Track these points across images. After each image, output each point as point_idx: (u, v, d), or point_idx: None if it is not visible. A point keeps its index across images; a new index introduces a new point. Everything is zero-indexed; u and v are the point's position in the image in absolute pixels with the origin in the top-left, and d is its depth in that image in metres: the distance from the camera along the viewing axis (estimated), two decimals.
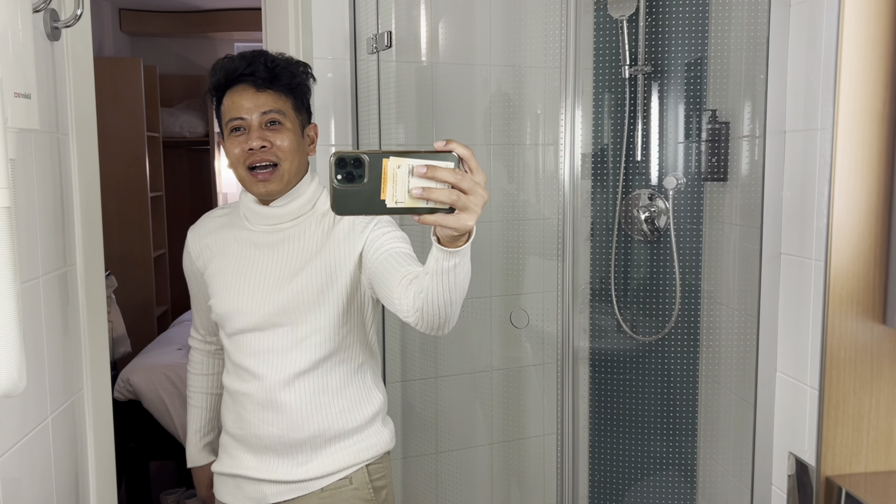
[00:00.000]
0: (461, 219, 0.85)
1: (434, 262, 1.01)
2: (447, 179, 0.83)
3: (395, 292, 1.24)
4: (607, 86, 2.18)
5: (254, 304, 1.42)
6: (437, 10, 2.11)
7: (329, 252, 1.41)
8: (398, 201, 0.83)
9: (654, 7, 2.06)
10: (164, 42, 5.21)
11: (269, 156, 1.38)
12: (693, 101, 2.04)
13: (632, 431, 2.22)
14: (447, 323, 1.14)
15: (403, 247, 1.36)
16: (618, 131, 2.17)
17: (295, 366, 1.41)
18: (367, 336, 1.50)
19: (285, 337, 1.41)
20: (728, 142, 1.91)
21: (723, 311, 1.97)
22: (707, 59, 1.98)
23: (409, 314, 1.18)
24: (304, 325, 1.41)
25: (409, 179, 0.83)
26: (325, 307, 1.40)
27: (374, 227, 1.40)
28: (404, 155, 0.82)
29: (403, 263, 1.28)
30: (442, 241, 0.96)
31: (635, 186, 2.16)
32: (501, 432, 2.34)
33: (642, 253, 2.19)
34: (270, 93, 1.40)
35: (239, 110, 1.39)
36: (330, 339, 1.42)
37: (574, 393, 1.86)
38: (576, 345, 1.83)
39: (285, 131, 1.40)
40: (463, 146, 0.85)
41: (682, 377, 2.11)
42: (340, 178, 0.82)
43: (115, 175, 4.29)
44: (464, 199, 0.84)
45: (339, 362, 1.44)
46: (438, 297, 1.07)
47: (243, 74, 1.39)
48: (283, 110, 1.40)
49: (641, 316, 2.20)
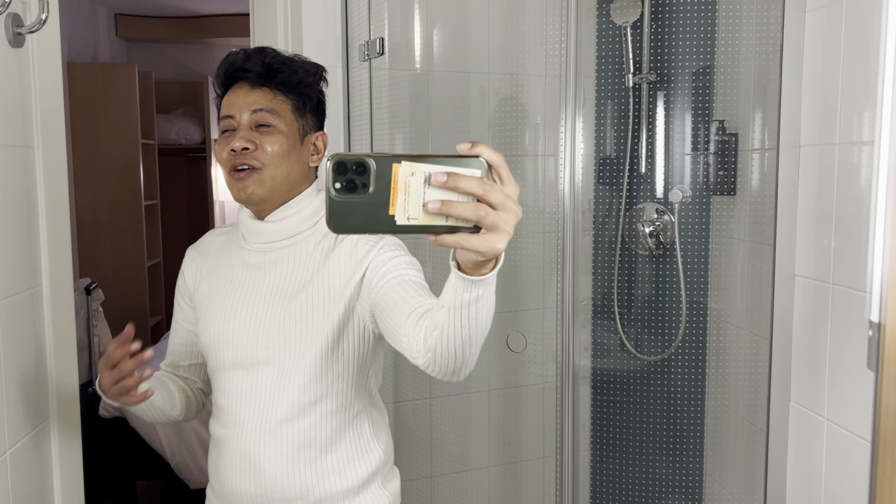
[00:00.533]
0: (489, 240, 0.70)
1: (452, 292, 0.84)
2: (472, 191, 0.67)
3: (403, 329, 1.06)
4: (610, 95, 2.12)
5: (239, 333, 1.25)
6: (432, 16, 2.03)
7: (325, 277, 1.23)
8: (410, 217, 0.68)
9: (658, 13, 2.00)
10: (161, 48, 5.14)
11: (251, 159, 1.21)
12: (700, 111, 1.98)
13: (635, 455, 2.16)
14: (464, 367, 0.96)
15: (414, 275, 1.17)
16: (621, 142, 2.11)
17: (277, 412, 1.22)
18: (367, 380, 1.30)
19: (269, 376, 1.22)
20: (737, 154, 1.84)
21: (731, 331, 1.90)
22: (714, 68, 1.91)
23: (419, 356, 1.01)
24: (291, 364, 1.22)
25: (424, 190, 0.67)
26: (314, 343, 1.21)
27: (378, 251, 1.22)
28: (420, 159, 0.67)
29: (413, 294, 1.10)
30: (463, 267, 0.80)
31: (639, 199, 2.09)
32: (499, 455, 2.28)
33: (647, 269, 2.12)
34: (265, 90, 1.24)
35: (229, 108, 1.24)
36: (316, 382, 1.22)
37: (574, 414, 1.79)
38: (576, 363, 1.75)
39: (276, 134, 1.23)
40: (493, 150, 0.69)
41: (688, 399, 2.05)
42: (339, 186, 0.67)
43: (109, 183, 4.22)
44: (492, 216, 0.68)
45: (330, 412, 1.24)
46: (455, 336, 0.89)
47: (240, 70, 1.25)
48: (276, 111, 1.23)
49: (645, 334, 2.13)
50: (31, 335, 1.30)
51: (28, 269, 1.30)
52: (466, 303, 0.83)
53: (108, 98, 4.18)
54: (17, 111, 1.26)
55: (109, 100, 4.18)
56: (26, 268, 1.29)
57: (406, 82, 2.02)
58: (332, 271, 1.23)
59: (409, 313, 1.06)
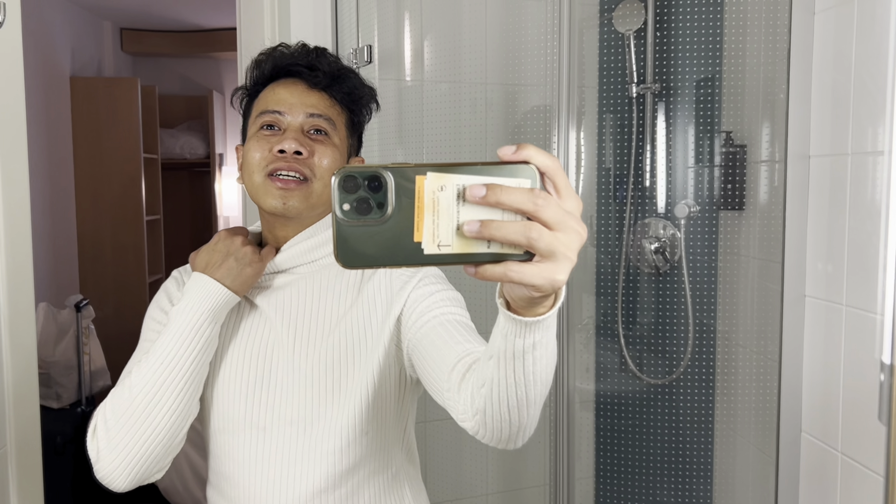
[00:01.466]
0: (545, 270, 0.53)
1: (502, 339, 0.66)
2: (521, 207, 0.52)
3: (447, 383, 0.87)
4: (613, 105, 2.04)
5: (254, 385, 1.03)
6: (425, 24, 1.96)
7: (359, 316, 1.04)
8: (442, 244, 0.52)
9: (662, 21, 1.92)
10: (167, 62, 5.12)
11: (303, 167, 1.02)
12: (706, 122, 1.90)
13: (640, 482, 2.08)
14: (521, 433, 0.77)
15: (457, 313, 0.98)
16: (624, 154, 2.03)
17: (306, 484, 1.01)
18: (404, 432, 1.10)
19: (296, 441, 1.01)
20: (745, 167, 1.76)
21: (740, 353, 1.80)
22: (721, 77, 1.83)
23: (466, 418, 0.81)
24: (321, 424, 1.01)
25: (458, 208, 0.52)
26: (352, 396, 1.01)
27: (417, 283, 1.03)
28: (450, 169, 0.52)
29: (459, 339, 0.91)
30: (513, 306, 0.62)
31: (644, 214, 2.01)
32: (497, 482, 2.19)
33: (652, 287, 2.04)
34: (324, 95, 1.06)
35: (278, 102, 1.04)
36: (356, 444, 1.02)
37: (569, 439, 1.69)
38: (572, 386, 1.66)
39: (331, 146, 1.05)
40: (545, 153, 0.53)
41: (696, 425, 1.96)
42: (349, 208, 0.52)
43: (110, 197, 4.18)
44: (548, 239, 0.52)
45: (368, 475, 1.04)
46: (508, 395, 0.71)
47: (298, 66, 1.06)
48: (334, 121, 1.06)
49: (651, 356, 2.04)
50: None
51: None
52: (520, 352, 0.65)
53: (111, 112, 4.15)
54: None
55: (112, 114, 4.15)
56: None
57: (396, 92, 1.95)
58: (367, 308, 1.04)
59: (453, 364, 0.87)
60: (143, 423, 0.94)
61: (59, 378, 2.90)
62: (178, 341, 0.96)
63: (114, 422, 0.94)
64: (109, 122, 4.15)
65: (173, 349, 0.96)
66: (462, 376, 0.84)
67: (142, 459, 0.95)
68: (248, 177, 1.04)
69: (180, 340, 0.96)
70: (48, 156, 3.76)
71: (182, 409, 0.97)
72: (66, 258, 4.06)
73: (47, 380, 2.83)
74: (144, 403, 0.94)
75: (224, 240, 1.04)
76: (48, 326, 2.85)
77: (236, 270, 1.01)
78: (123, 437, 0.93)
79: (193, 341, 0.97)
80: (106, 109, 4.13)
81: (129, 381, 0.96)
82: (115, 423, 0.94)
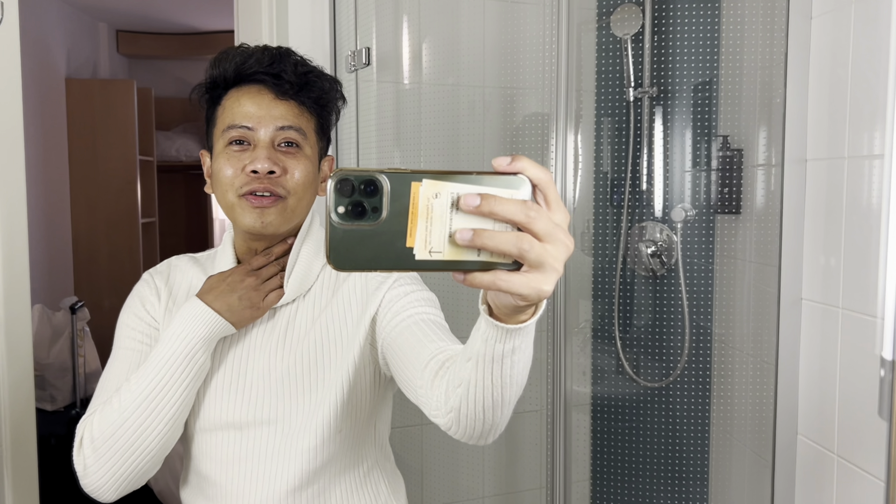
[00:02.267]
0: (533, 280, 0.55)
1: (482, 343, 0.67)
2: (513, 217, 0.53)
3: (419, 380, 0.89)
4: (610, 109, 2.04)
5: (231, 386, 1.05)
6: (423, 26, 1.96)
7: (334, 317, 1.06)
8: (433, 250, 0.54)
9: (660, 25, 1.93)
10: (163, 64, 5.11)
11: (276, 187, 1.02)
12: (703, 126, 1.90)
13: (637, 485, 2.08)
14: (493, 431, 0.80)
15: (432, 313, 1.01)
16: (622, 158, 2.03)
17: (282, 482, 1.03)
18: (375, 430, 1.13)
19: (271, 439, 1.03)
20: (741, 171, 1.77)
21: (736, 356, 1.81)
22: (718, 81, 1.84)
23: (439, 414, 0.83)
24: (298, 423, 1.03)
25: (451, 216, 0.54)
26: (326, 396, 1.03)
27: (393, 283, 1.05)
28: (446, 177, 0.54)
29: (432, 337, 0.94)
30: (496, 312, 0.64)
31: (640, 218, 2.01)
32: (494, 485, 2.19)
33: (648, 290, 2.04)
34: (293, 104, 1.05)
35: (245, 117, 1.02)
36: (330, 441, 1.04)
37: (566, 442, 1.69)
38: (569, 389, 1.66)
39: (303, 159, 1.04)
40: (538, 166, 0.55)
41: (692, 428, 1.96)
42: (343, 211, 0.53)
43: (106, 199, 4.17)
44: (538, 250, 0.54)
45: (339, 472, 1.06)
46: (485, 396, 0.73)
47: (261, 73, 1.04)
48: (304, 130, 1.05)
49: (647, 359, 2.04)
50: None
51: None
52: (499, 356, 0.67)
53: (106, 114, 4.14)
54: None
55: (107, 116, 4.14)
56: None
57: (394, 94, 1.95)
58: (342, 309, 1.06)
59: (426, 361, 0.89)
60: (133, 445, 0.96)
61: (54, 380, 2.89)
62: (171, 366, 0.98)
63: (101, 441, 0.96)
64: (105, 125, 4.14)
65: (166, 375, 0.97)
66: (434, 373, 0.86)
67: (130, 476, 0.98)
68: (221, 195, 1.05)
69: (173, 367, 0.98)
70: (43, 157, 3.75)
71: (172, 430, 0.99)
72: (61, 260, 4.04)
73: (42, 382, 2.81)
74: (135, 427, 0.96)
75: (236, 275, 1.05)
76: (43, 329, 2.84)
77: (237, 308, 1.02)
78: (112, 457, 0.96)
79: (186, 369, 0.99)
80: (101, 111, 4.12)
81: (119, 402, 0.97)
82: (102, 443, 0.96)
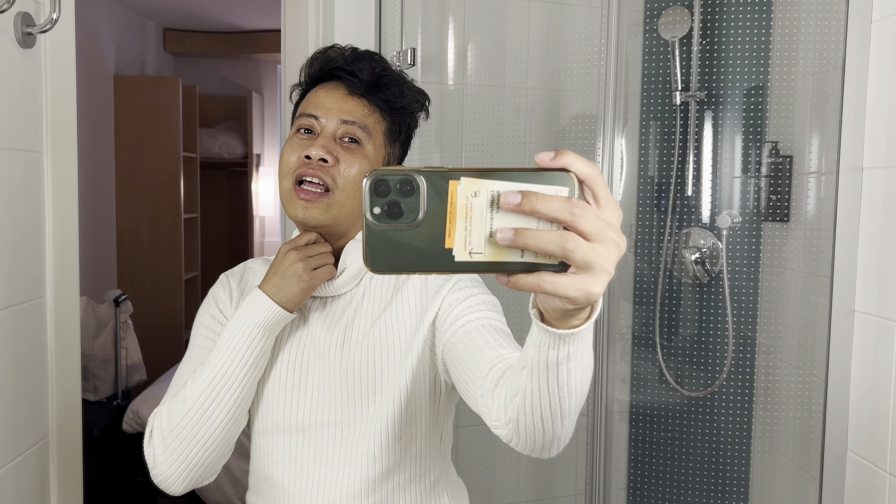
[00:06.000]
0: (581, 282, 0.51)
1: (535, 349, 0.64)
2: (557, 216, 0.50)
3: (480, 389, 0.85)
4: (656, 113, 2.01)
5: (294, 388, 1.04)
6: (468, 27, 1.95)
7: (393, 320, 1.04)
8: (474, 251, 0.51)
9: (709, 28, 1.89)
10: (208, 62, 5.18)
11: (324, 174, 1.01)
12: (751, 131, 1.86)
13: (675, 497, 2.02)
14: (555, 443, 0.75)
15: (493, 317, 0.97)
16: (667, 163, 2.00)
17: (343, 487, 1.01)
18: (440, 440, 1.09)
19: (332, 443, 1.02)
20: (791, 178, 1.72)
21: (782, 368, 1.76)
22: (768, 85, 1.80)
23: (500, 425, 0.79)
24: (357, 428, 1.01)
25: (491, 215, 0.51)
26: (386, 400, 1.01)
27: (453, 286, 1.02)
28: (485, 175, 0.51)
29: (493, 344, 0.90)
30: (547, 316, 0.60)
31: (685, 224, 1.97)
32: (528, 490, 2.17)
33: (691, 298, 2.00)
34: (363, 102, 1.05)
35: (316, 107, 1.04)
36: (390, 448, 1.01)
37: (606, 450, 1.67)
38: (610, 396, 1.64)
39: (361, 156, 1.03)
40: (584, 160, 0.52)
41: (733, 439, 1.92)
42: (379, 211, 0.51)
43: (150, 194, 4.24)
44: (584, 250, 0.50)
45: (404, 482, 1.04)
46: (542, 406, 0.69)
47: (340, 69, 1.05)
48: (370, 129, 1.04)
49: (689, 368, 2.00)
50: (32, 348, 1.24)
51: (32, 279, 1.24)
52: (554, 363, 0.63)
53: (152, 111, 4.21)
54: (24, 114, 1.21)
55: (153, 112, 4.21)
56: (30, 277, 1.23)
57: (438, 95, 1.94)
58: (401, 312, 1.04)
59: (487, 370, 0.86)
60: (197, 434, 0.97)
61: (97, 371, 2.94)
62: (230, 355, 0.98)
63: (168, 430, 0.97)
64: (151, 121, 4.21)
65: (225, 363, 0.98)
66: (495, 382, 0.82)
67: (196, 467, 0.99)
68: (280, 181, 1.05)
69: (232, 354, 0.98)
70: (91, 152, 3.83)
71: (234, 419, 0.99)
72: (106, 253, 4.12)
73: (85, 373, 2.87)
74: (198, 416, 0.97)
75: (280, 255, 1.04)
76: (87, 320, 2.90)
77: (284, 287, 1.01)
78: (178, 447, 0.97)
79: (245, 355, 0.98)
80: (147, 108, 4.19)
81: (184, 393, 0.98)
82: (169, 433, 0.97)
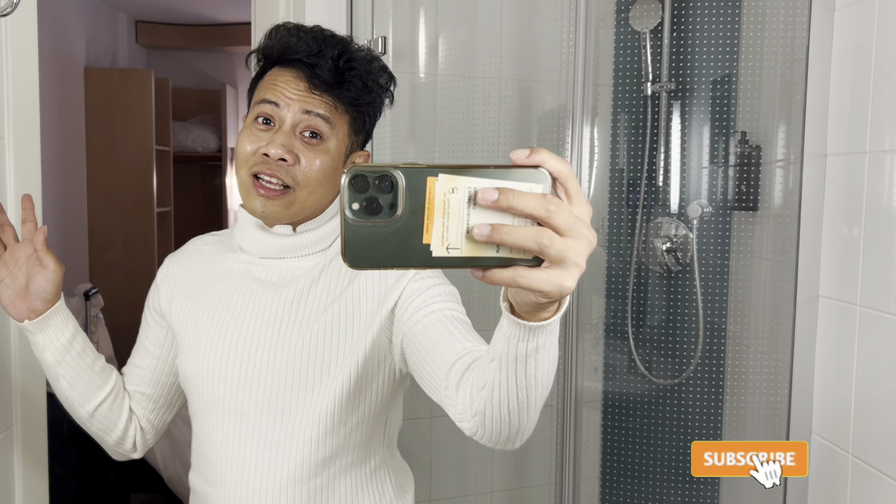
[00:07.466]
0: (554, 276, 0.53)
1: (504, 342, 0.65)
2: (532, 212, 0.51)
3: (444, 381, 0.85)
4: (627, 104, 2.02)
5: (234, 368, 1.02)
6: (439, 18, 1.95)
7: (349, 304, 1.01)
8: (451, 246, 0.53)
9: (679, 19, 1.91)
10: (181, 55, 5.13)
11: (284, 175, 0.99)
12: (721, 121, 1.88)
13: (647, 483, 2.06)
14: (520, 435, 0.77)
15: (455, 308, 0.96)
16: (638, 153, 2.01)
17: (280, 471, 1.00)
18: (385, 425, 1.09)
19: (273, 426, 1.00)
20: (759, 167, 1.75)
21: (750, 355, 1.79)
22: (737, 76, 1.82)
23: (464, 418, 0.80)
24: (302, 412, 1.00)
25: (468, 211, 0.52)
26: (333, 386, 0.99)
27: (414, 275, 1.01)
28: (462, 171, 0.52)
29: (458, 336, 0.90)
30: (517, 310, 0.61)
31: (655, 214, 1.99)
32: (502, 480, 2.18)
33: (662, 287, 2.02)
34: (327, 97, 1.01)
35: (277, 93, 1.00)
36: (332, 434, 1.00)
37: (576, 439, 1.68)
38: (580, 385, 1.65)
39: (323, 152, 1.01)
40: (558, 158, 0.53)
41: (704, 426, 1.95)
42: (358, 207, 0.52)
43: (122, 188, 4.19)
44: (559, 245, 0.52)
45: (345, 467, 1.03)
46: (509, 397, 0.70)
47: (302, 61, 1.01)
48: (333, 122, 1.01)
49: (660, 356, 2.02)
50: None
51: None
52: (523, 355, 0.65)
53: (124, 104, 4.16)
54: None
55: (125, 106, 4.16)
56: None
57: (409, 86, 1.94)
58: (358, 297, 1.01)
59: (451, 363, 0.85)
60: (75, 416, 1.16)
61: None
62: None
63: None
64: (123, 114, 4.16)
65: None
66: (461, 376, 0.82)
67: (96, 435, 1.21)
68: (237, 168, 1.03)
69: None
70: (61, 145, 3.78)
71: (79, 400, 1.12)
72: (77, 247, 4.07)
73: None
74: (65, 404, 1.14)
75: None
76: None
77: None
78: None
79: (45, 368, 1.09)
80: (119, 101, 4.14)
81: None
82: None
